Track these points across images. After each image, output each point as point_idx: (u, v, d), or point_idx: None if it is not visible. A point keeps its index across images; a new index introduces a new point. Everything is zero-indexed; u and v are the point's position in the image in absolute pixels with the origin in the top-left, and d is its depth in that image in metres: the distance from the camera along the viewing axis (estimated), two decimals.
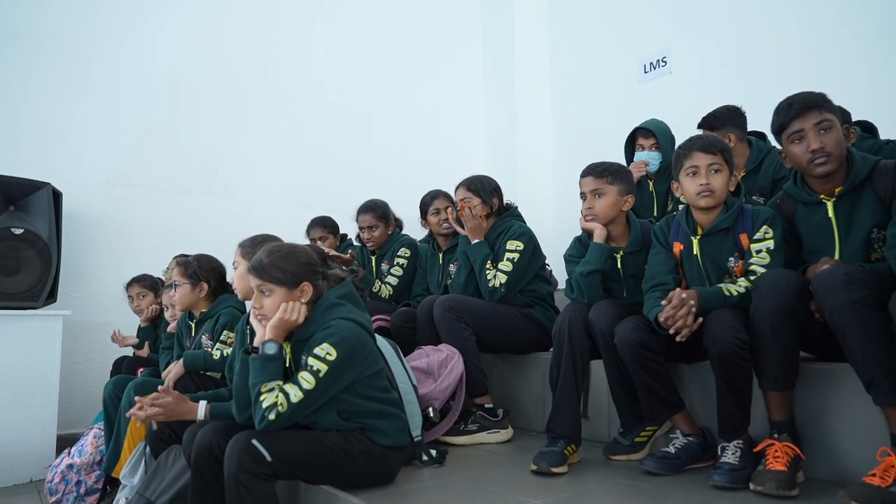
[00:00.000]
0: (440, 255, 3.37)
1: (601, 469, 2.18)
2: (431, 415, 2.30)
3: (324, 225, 3.73)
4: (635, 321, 2.07)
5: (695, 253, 2.13)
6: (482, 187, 2.94)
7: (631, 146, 3.44)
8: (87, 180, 3.87)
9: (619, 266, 2.38)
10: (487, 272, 2.80)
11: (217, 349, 2.51)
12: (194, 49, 4.30)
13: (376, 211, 3.50)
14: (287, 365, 1.86)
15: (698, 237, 2.13)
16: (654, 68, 4.80)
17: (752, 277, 1.97)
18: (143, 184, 4.04)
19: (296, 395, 1.71)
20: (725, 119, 2.95)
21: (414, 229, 3.75)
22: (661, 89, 4.67)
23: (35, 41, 3.80)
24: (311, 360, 1.74)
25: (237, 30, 4.49)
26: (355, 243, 3.78)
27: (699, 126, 3.06)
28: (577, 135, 5.22)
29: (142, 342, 3.53)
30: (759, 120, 3.03)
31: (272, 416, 1.69)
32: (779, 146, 2.12)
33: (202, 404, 1.99)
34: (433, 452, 2.22)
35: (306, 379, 1.72)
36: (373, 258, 3.59)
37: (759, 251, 2.02)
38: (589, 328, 2.20)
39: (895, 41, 3.47)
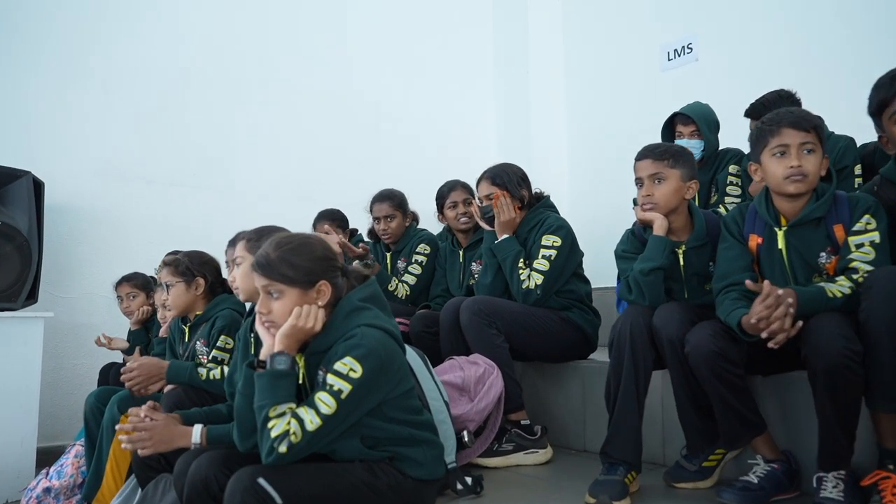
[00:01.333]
0: (460, 253, 3.04)
1: (667, 500, 1.86)
2: (466, 439, 1.97)
3: (332, 218, 3.41)
4: (711, 327, 1.75)
5: (779, 247, 1.81)
6: (509, 179, 2.61)
7: (669, 133, 3.15)
8: (73, 170, 3.58)
9: (680, 263, 2.06)
10: (520, 272, 2.48)
11: (209, 362, 2.19)
12: (193, 34, 4.02)
13: (394, 200, 3.18)
14: (300, 381, 1.53)
15: (783, 228, 1.80)
16: (679, 55, 4.53)
17: (854, 276, 1.66)
18: (135, 175, 3.75)
19: (312, 421, 1.38)
20: (775, 106, 2.64)
21: (428, 224, 3.45)
22: (686, 78, 4.37)
23: (20, 20, 3.50)
24: (331, 378, 1.41)
25: (238, 14, 4.19)
26: (367, 239, 3.45)
27: (746, 115, 2.79)
28: (594, 126, 4.93)
29: (132, 347, 3.21)
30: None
31: (283, 449, 1.36)
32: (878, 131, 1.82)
33: (197, 428, 1.66)
34: (468, 480, 1.89)
35: (325, 401, 1.40)
36: (388, 255, 3.26)
37: (859, 245, 1.70)
38: (653, 335, 1.88)
39: None
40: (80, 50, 3.64)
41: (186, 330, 2.44)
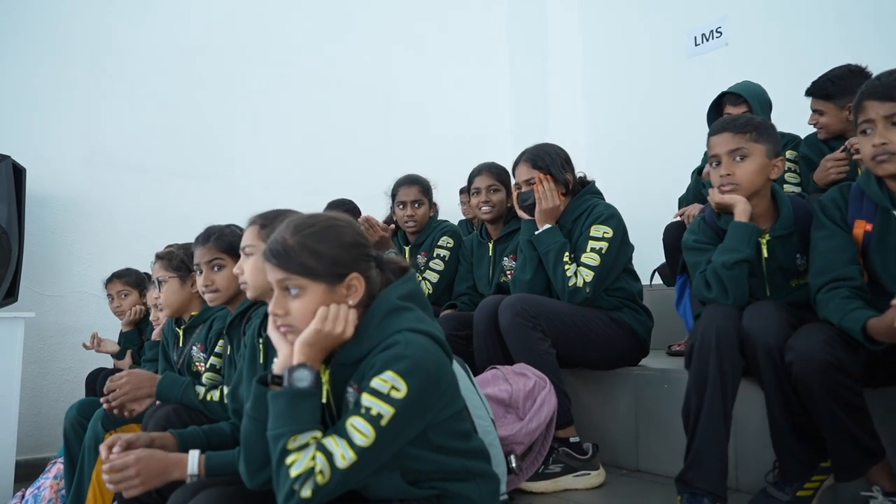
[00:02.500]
0: (490, 245, 2.73)
1: None
2: (514, 465, 1.66)
3: (344, 209, 3.11)
4: (823, 332, 1.44)
5: None
6: (552, 161, 2.30)
7: (716, 116, 2.85)
8: (59, 157, 3.33)
9: (763, 255, 1.75)
10: (565, 267, 2.17)
11: (207, 370, 1.88)
12: (193, 11, 3.78)
13: (422, 184, 2.89)
14: (325, 400, 1.21)
15: None
16: (707, 40, 4.31)
17: None
18: (128, 163, 3.52)
19: (344, 455, 1.06)
20: (847, 85, 2.33)
21: (443, 216, 3.17)
22: (715, 64, 4.11)
23: None
24: (366, 399, 1.10)
25: None
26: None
27: (807, 93, 2.49)
28: (614, 115, 4.67)
29: (123, 350, 2.92)
30: None
31: (307, 493, 1.04)
32: None
33: (193, 455, 1.35)
34: None
35: (360, 429, 1.08)
36: (406, 248, 2.95)
37: None
38: (742, 341, 1.57)
39: None
40: (67, 24, 3.38)
41: (180, 333, 2.13)
